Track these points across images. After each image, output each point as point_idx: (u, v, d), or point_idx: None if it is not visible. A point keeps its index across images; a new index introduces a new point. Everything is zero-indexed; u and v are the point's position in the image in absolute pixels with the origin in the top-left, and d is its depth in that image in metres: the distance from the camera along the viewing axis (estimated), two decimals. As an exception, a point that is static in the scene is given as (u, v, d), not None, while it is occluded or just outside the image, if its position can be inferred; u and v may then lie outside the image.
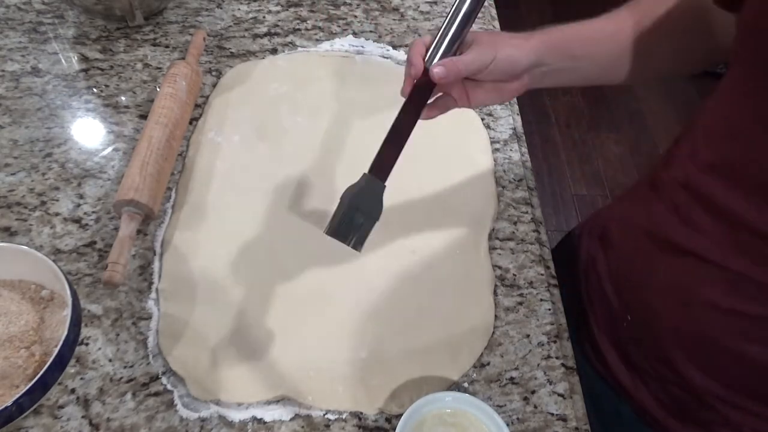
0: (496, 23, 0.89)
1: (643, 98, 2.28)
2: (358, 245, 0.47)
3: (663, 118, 2.23)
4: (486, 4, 0.91)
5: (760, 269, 0.44)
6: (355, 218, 0.46)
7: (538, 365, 0.54)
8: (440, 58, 0.47)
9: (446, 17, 0.48)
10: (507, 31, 0.52)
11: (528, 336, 0.56)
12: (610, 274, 0.60)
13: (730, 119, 0.45)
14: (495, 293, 0.59)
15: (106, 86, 0.73)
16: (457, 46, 0.48)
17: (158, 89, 0.70)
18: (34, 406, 0.46)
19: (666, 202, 0.52)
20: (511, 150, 0.72)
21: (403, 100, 0.49)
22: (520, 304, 0.58)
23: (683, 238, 0.49)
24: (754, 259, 0.44)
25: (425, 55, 0.48)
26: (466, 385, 0.53)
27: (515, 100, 0.78)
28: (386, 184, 0.47)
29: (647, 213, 0.56)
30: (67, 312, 0.47)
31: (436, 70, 0.46)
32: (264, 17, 0.84)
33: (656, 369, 0.56)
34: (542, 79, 0.53)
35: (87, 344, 0.52)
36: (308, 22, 0.85)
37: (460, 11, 0.47)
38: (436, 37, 0.48)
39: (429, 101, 0.50)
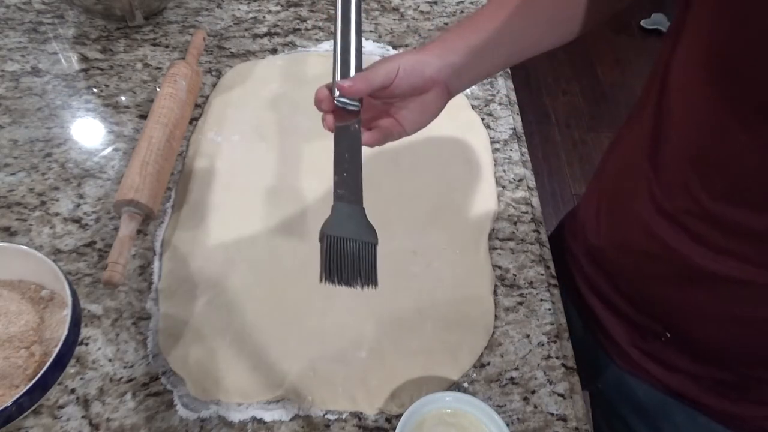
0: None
1: (643, 98, 2.28)
2: (369, 281, 0.41)
3: (663, 118, 2.22)
4: (486, 3, 0.91)
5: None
6: (345, 251, 0.40)
7: (538, 365, 0.54)
8: (341, 74, 0.46)
9: (333, 44, 0.47)
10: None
11: (528, 336, 0.56)
12: (587, 241, 0.62)
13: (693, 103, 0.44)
14: (495, 293, 0.59)
15: (106, 86, 0.73)
16: (357, 61, 0.47)
17: (158, 89, 0.70)
18: (34, 406, 0.46)
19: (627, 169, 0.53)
20: (511, 150, 0.72)
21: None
22: (520, 304, 0.58)
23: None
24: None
25: (331, 87, 0.47)
26: (466, 385, 0.53)
27: (515, 99, 0.78)
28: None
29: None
30: (67, 312, 0.47)
31: (346, 84, 0.45)
32: (264, 17, 0.84)
33: (623, 301, 0.57)
34: (461, 79, 0.51)
35: (87, 344, 0.52)
36: (308, 22, 0.85)
37: (340, 32, 0.46)
38: (333, 66, 0.47)
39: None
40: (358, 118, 0.46)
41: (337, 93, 0.45)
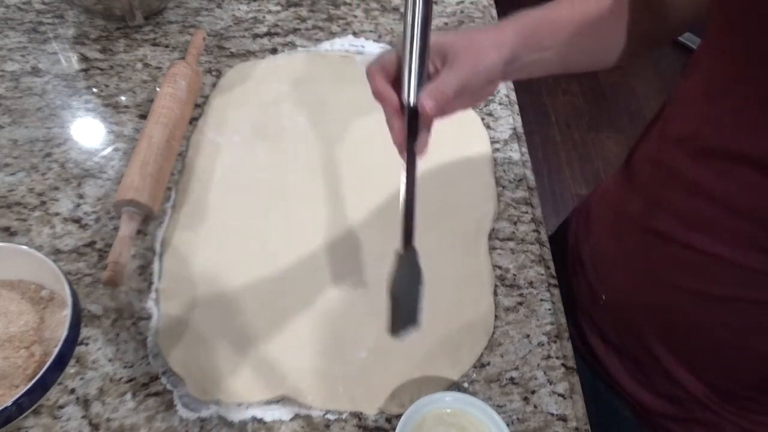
0: (496, 23, 0.89)
1: (643, 98, 2.28)
2: (416, 321, 0.43)
3: (663, 118, 2.22)
4: (486, 3, 0.91)
5: (730, 250, 0.43)
6: (408, 301, 0.42)
7: (538, 365, 0.54)
8: (417, 84, 0.41)
9: (404, 33, 0.40)
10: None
11: (528, 336, 0.56)
12: (591, 254, 0.61)
13: (699, 90, 0.45)
14: (495, 293, 0.59)
15: (106, 86, 0.73)
16: (427, 65, 0.42)
17: (158, 89, 0.70)
18: (34, 406, 0.46)
19: (635, 179, 0.52)
20: (511, 150, 0.72)
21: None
22: (520, 304, 0.58)
23: (653, 218, 0.49)
24: (723, 238, 0.44)
25: (393, 84, 0.43)
26: (466, 385, 0.53)
27: (515, 99, 0.78)
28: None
29: (619, 194, 0.56)
30: (67, 312, 0.47)
31: (428, 105, 0.40)
32: (264, 17, 0.84)
33: (630, 349, 0.56)
34: (513, 74, 0.50)
35: (87, 344, 0.52)
36: (308, 22, 0.85)
37: (416, 23, 0.40)
38: (405, 61, 0.41)
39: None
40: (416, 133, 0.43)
41: (411, 101, 0.41)
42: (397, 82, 0.43)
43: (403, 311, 0.42)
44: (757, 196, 0.41)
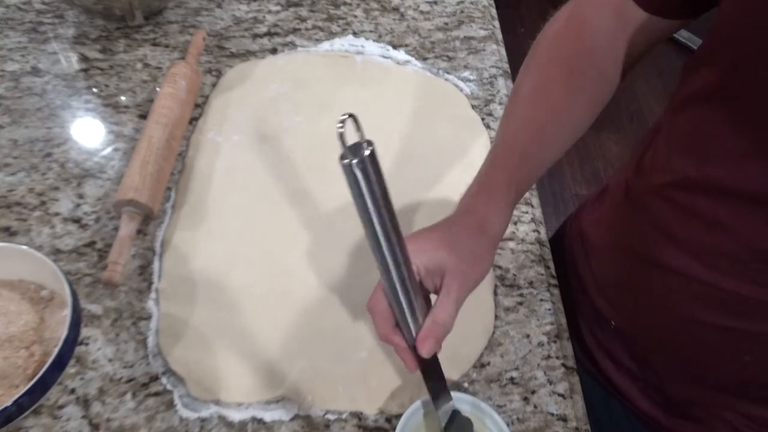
0: (496, 23, 0.89)
1: (643, 98, 2.28)
2: None
3: (663, 118, 2.22)
4: (486, 3, 0.91)
5: (746, 285, 0.43)
6: None
7: (538, 365, 0.54)
8: (414, 325, 0.41)
9: (385, 275, 0.38)
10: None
11: (528, 336, 0.56)
12: (594, 277, 0.60)
13: (702, 128, 0.43)
14: (495, 293, 0.59)
15: (106, 86, 0.73)
16: (414, 303, 0.40)
17: (158, 89, 0.70)
18: (34, 406, 0.46)
19: (643, 212, 0.51)
20: (511, 150, 0.72)
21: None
22: (520, 304, 0.58)
23: (664, 253, 0.48)
24: (738, 273, 0.43)
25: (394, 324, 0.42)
26: (466, 385, 0.53)
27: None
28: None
29: (623, 223, 0.55)
30: (67, 312, 0.47)
31: (425, 349, 0.40)
32: (264, 17, 0.84)
33: (641, 370, 0.56)
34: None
35: (87, 344, 0.52)
36: (308, 22, 0.85)
37: (388, 263, 0.37)
38: (394, 308, 0.40)
39: None
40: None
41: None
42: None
43: None
44: None
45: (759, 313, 0.44)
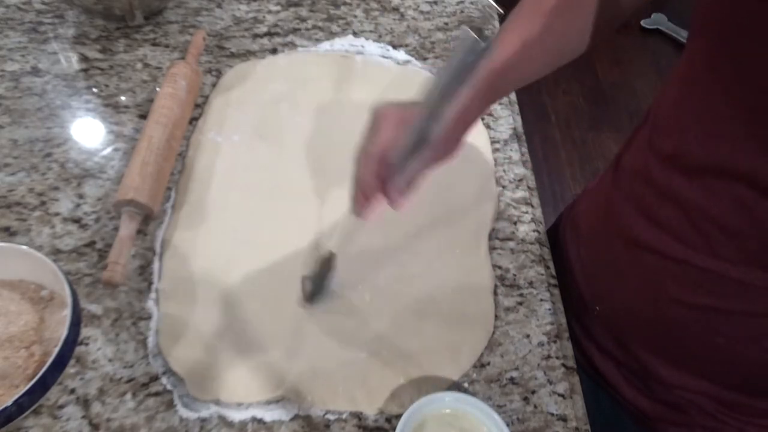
0: (496, 23, 0.89)
1: (643, 98, 2.28)
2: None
3: (663, 117, 2.22)
4: (486, 3, 0.91)
5: (729, 266, 0.43)
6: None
7: (538, 365, 0.54)
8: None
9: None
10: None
11: (528, 336, 0.56)
12: (582, 264, 0.61)
13: (683, 105, 0.44)
14: (495, 293, 0.59)
15: (106, 86, 0.73)
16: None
17: (158, 89, 0.70)
18: (34, 406, 0.46)
19: (625, 192, 0.52)
20: (511, 150, 0.72)
21: None
22: (520, 304, 0.58)
23: (643, 232, 0.49)
24: (709, 251, 0.44)
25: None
26: (466, 385, 0.53)
27: (515, 99, 0.78)
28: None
29: (608, 204, 0.56)
30: (67, 312, 0.47)
31: (397, 202, 0.46)
32: (264, 17, 0.84)
33: (624, 355, 0.56)
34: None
35: (87, 344, 0.52)
36: (308, 22, 0.85)
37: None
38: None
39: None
40: None
41: None
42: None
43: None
44: (752, 214, 0.40)
45: (729, 290, 0.44)
